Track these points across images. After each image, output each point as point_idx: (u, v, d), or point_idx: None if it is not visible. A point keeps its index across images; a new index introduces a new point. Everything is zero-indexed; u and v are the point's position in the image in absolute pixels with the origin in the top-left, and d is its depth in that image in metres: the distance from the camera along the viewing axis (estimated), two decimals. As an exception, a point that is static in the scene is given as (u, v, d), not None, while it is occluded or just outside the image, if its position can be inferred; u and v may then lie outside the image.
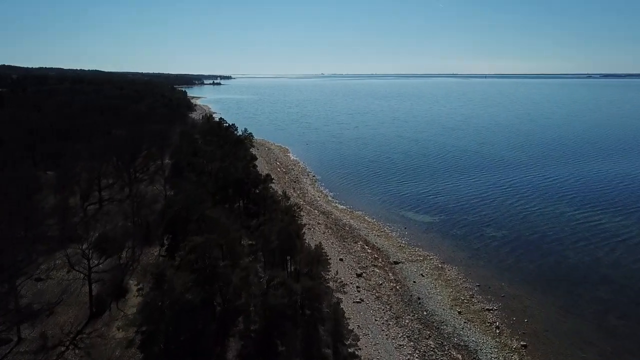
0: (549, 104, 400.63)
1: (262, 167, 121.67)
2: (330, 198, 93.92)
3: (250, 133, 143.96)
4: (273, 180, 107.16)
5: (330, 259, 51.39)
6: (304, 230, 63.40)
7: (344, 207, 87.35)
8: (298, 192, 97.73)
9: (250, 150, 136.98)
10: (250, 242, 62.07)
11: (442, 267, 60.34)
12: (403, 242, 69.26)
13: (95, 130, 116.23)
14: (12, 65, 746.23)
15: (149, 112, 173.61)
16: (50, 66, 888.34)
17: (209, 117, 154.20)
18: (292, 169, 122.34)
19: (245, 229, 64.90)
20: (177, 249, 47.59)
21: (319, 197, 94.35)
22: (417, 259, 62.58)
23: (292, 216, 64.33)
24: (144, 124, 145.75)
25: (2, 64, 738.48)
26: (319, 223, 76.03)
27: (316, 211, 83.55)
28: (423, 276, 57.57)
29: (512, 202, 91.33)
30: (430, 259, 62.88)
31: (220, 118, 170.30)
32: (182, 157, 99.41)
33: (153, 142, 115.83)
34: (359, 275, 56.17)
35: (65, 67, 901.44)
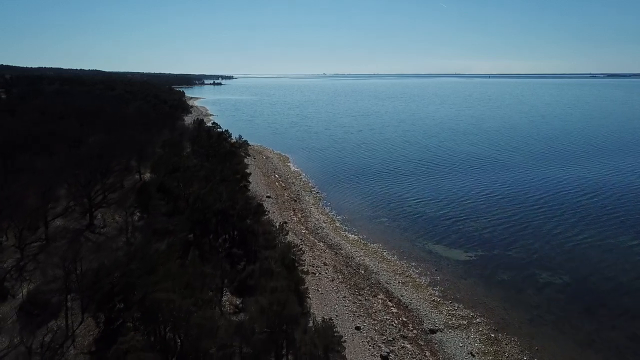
0: (560, 104, 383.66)
1: (258, 181, 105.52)
2: (338, 224, 77.45)
3: (246, 140, 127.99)
4: (270, 198, 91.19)
5: (344, 340, 35.27)
6: (306, 285, 47.21)
7: (356, 238, 70.88)
8: (299, 215, 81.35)
9: (245, 160, 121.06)
10: (234, 302, 45.94)
11: (497, 339, 43.92)
12: (437, 293, 52.83)
13: (63, 138, 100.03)
14: (11, 65, 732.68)
15: (135, 115, 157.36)
16: (50, 66, 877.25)
17: (199, 123, 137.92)
18: (293, 183, 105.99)
19: (227, 279, 48.80)
20: (115, 338, 31.41)
21: (324, 222, 77.95)
22: (461, 324, 46.19)
23: (292, 260, 48.35)
24: (126, 129, 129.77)
25: (2, 64, 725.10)
26: (325, 264, 59.57)
27: (322, 244, 67.12)
28: (473, 356, 41.19)
29: (558, 230, 74.71)
30: (478, 324, 46.45)
31: (213, 122, 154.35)
32: (160, 174, 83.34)
33: (131, 154, 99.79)
34: (384, 359, 39.78)
35: (65, 67, 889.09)
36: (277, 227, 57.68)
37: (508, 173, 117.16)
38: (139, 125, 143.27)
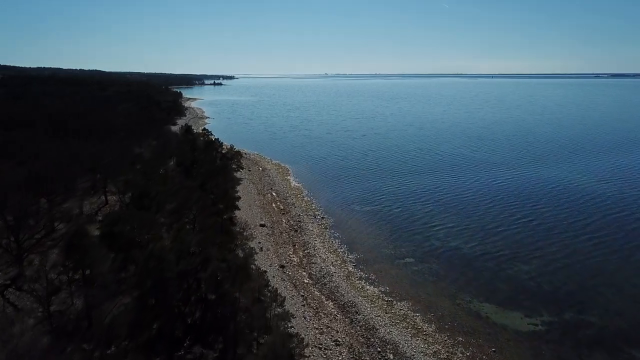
0: (572, 105, 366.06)
1: (251, 202, 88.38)
2: (351, 267, 60.03)
3: (239, 151, 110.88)
4: (264, 227, 73.98)
5: None
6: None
7: (376, 291, 53.48)
8: (301, 253, 64.00)
9: (239, 173, 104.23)
10: None
11: None
12: (506, 401, 35.63)
13: (16, 152, 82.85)
14: (10, 65, 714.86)
15: (117, 121, 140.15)
16: (50, 66, 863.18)
17: (186, 129, 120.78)
18: (293, 204, 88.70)
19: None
20: None
21: (333, 264, 60.63)
22: None
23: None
24: (100, 139, 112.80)
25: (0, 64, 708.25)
26: (337, 343, 42.22)
27: (331, 304, 49.78)
28: None
29: None
30: None
31: (204, 128, 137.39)
32: (124, 199, 66.30)
33: (97, 170, 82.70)
34: None
35: (64, 67, 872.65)
36: (270, 292, 40.36)
37: (546, 189, 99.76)
38: (118, 132, 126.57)
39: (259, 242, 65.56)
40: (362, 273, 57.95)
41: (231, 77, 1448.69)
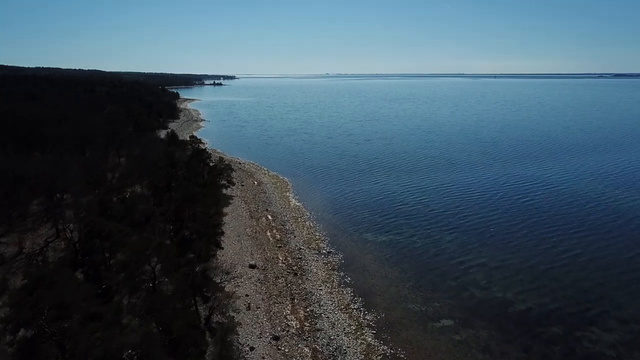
0: (583, 106, 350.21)
1: (241, 230, 72.82)
2: (370, 337, 43.87)
3: (229, 164, 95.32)
4: (255, 269, 58.46)
5: None
6: None
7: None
8: (302, 312, 48.38)
9: (230, 189, 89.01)
10: None
11: None
12: None
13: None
14: (8, 65, 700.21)
15: (99, 127, 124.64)
16: (49, 66, 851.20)
17: (170, 138, 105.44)
18: (293, 232, 73.06)
19: None
20: None
21: (346, 331, 44.92)
22: None
23: None
24: (73, 149, 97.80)
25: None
26: None
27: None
28: None
29: None
30: None
31: (191, 135, 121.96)
32: (71, 240, 50.84)
33: (51, 193, 67.22)
34: None
35: (64, 67, 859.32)
36: None
37: (581, 207, 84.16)
38: (94, 140, 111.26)
39: (247, 296, 50.05)
40: (386, 347, 42.29)
41: (232, 77, 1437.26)
